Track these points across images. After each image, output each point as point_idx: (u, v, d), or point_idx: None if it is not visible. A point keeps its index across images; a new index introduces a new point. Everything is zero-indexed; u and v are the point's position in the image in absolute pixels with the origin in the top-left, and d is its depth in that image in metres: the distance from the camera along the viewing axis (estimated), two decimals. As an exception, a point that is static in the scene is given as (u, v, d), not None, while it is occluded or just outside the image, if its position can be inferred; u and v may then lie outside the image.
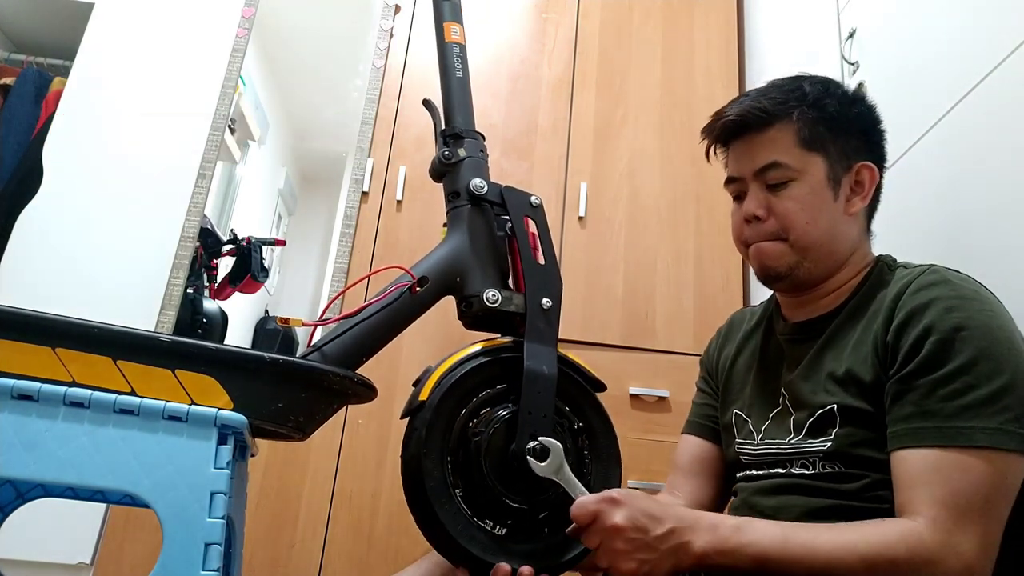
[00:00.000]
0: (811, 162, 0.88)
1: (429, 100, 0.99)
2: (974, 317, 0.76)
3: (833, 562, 0.71)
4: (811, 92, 0.91)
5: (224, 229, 2.11)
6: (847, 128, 0.90)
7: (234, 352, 0.75)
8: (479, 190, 0.90)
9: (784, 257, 0.90)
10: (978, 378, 0.73)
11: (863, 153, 0.91)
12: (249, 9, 2.13)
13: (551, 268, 0.89)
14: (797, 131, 0.89)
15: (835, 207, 0.89)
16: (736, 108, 0.92)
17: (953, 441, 0.72)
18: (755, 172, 0.91)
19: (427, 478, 0.77)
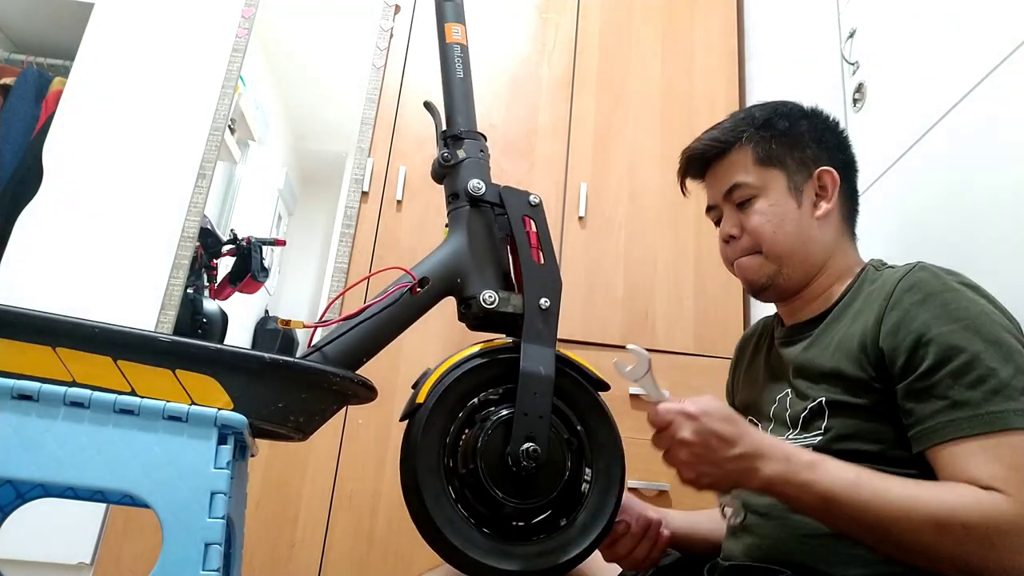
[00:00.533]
0: (771, 177, 0.95)
1: (430, 102, 0.99)
2: (970, 308, 0.78)
3: (902, 517, 0.71)
4: (760, 115, 0.98)
5: (224, 229, 2.11)
6: (800, 140, 0.97)
7: (234, 352, 0.75)
8: (477, 191, 0.90)
9: (762, 268, 0.96)
10: (995, 361, 0.74)
11: (822, 160, 0.97)
12: (249, 9, 2.13)
13: (550, 268, 0.89)
14: (753, 151, 0.96)
15: (801, 213, 0.94)
16: (698, 143, 1.01)
17: (992, 427, 0.72)
18: (723, 195, 0.98)
19: (424, 481, 0.77)
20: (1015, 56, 1.01)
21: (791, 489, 0.75)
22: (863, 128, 1.46)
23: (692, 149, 1.02)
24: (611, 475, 0.85)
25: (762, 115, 0.98)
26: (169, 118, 2.01)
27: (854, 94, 1.50)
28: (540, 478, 0.80)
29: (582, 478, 0.84)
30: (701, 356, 1.88)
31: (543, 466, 0.79)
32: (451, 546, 0.77)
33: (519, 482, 0.79)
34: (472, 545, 0.77)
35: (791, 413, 0.91)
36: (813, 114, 1.01)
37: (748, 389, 1.06)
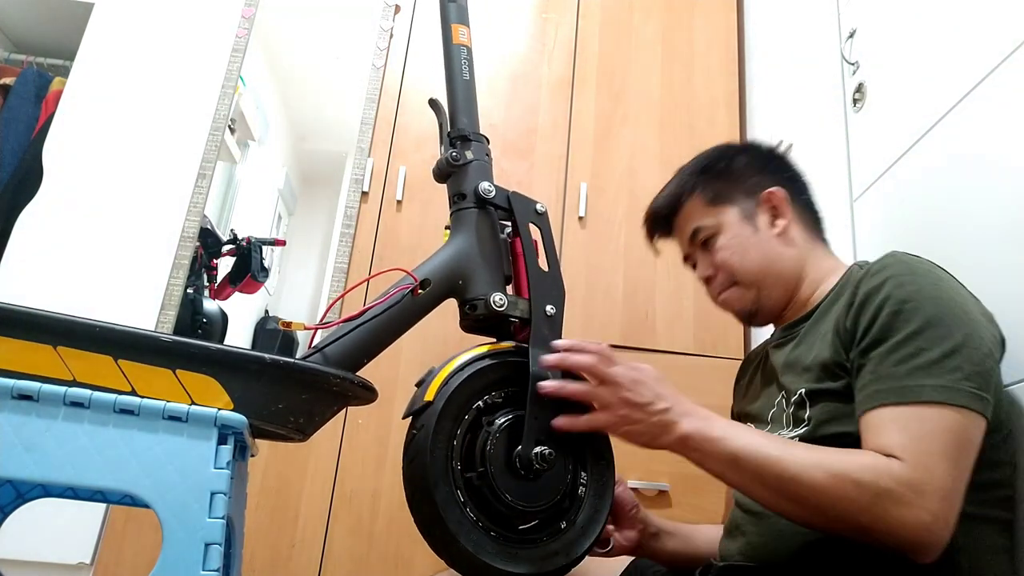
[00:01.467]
0: (723, 213, 1.02)
1: (435, 100, 0.99)
2: (924, 289, 0.80)
3: (801, 472, 0.74)
4: (700, 164, 1.06)
5: (224, 229, 2.11)
6: (740, 173, 1.04)
7: (235, 353, 0.75)
8: (487, 194, 0.89)
9: (744, 297, 1.02)
10: (928, 342, 0.77)
11: (765, 184, 1.03)
12: (249, 9, 2.13)
13: (555, 275, 0.89)
14: (701, 196, 1.04)
15: (760, 236, 1.01)
16: (654, 204, 1.10)
17: (905, 398, 0.75)
18: (689, 242, 1.06)
19: (431, 482, 0.77)
20: (1015, 56, 1.01)
21: (706, 445, 0.79)
22: (863, 128, 1.46)
23: (651, 211, 1.10)
24: (605, 479, 0.86)
25: (701, 163, 1.07)
26: (169, 118, 2.01)
27: (854, 94, 1.50)
28: (544, 482, 0.80)
29: (580, 481, 0.85)
30: (701, 356, 1.88)
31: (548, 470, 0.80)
32: (458, 548, 0.76)
33: (525, 485, 0.79)
34: (480, 547, 0.77)
35: (784, 412, 0.92)
36: (747, 147, 1.09)
37: (748, 400, 1.08)
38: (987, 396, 0.75)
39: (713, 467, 0.80)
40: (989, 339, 0.79)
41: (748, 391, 1.10)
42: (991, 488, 0.79)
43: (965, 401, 0.74)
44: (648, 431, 0.80)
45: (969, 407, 0.74)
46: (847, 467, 0.72)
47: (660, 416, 0.80)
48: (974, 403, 0.74)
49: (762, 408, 0.99)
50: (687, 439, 0.79)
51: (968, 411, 0.74)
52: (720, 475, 0.80)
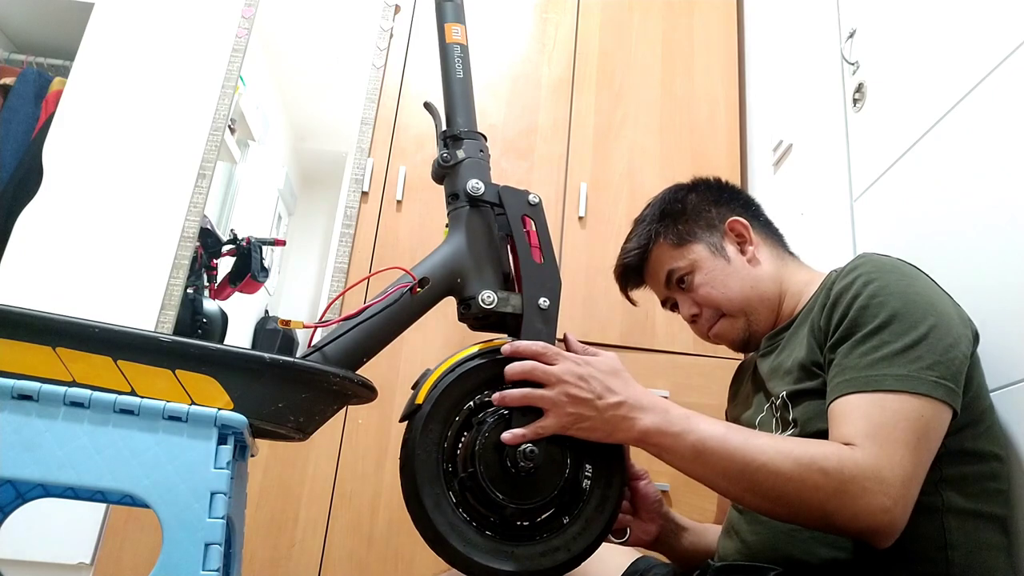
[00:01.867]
0: (692, 251, 1.04)
1: (430, 103, 0.99)
2: (890, 285, 0.82)
3: (767, 462, 0.74)
4: (653, 212, 1.09)
5: (224, 229, 2.11)
6: (696, 210, 1.07)
7: (234, 352, 0.75)
8: (476, 191, 0.90)
9: (734, 327, 1.04)
10: (892, 335, 0.78)
11: (724, 214, 1.06)
12: (249, 9, 2.13)
13: (549, 267, 0.89)
14: (666, 241, 1.06)
15: (733, 266, 1.03)
16: (620, 260, 1.12)
17: (867, 387, 0.76)
18: (666, 287, 1.07)
19: (420, 485, 0.78)
20: (1015, 56, 1.01)
21: (666, 439, 0.78)
22: (863, 128, 1.46)
23: (620, 266, 1.12)
24: (611, 469, 0.85)
25: (656, 210, 1.09)
26: (169, 118, 2.01)
27: (854, 94, 1.50)
28: (540, 477, 0.80)
29: (583, 475, 0.84)
30: (701, 356, 1.88)
31: (543, 465, 0.79)
32: (454, 550, 0.77)
33: (519, 483, 0.79)
34: (474, 548, 0.77)
35: (773, 416, 0.93)
36: (694, 185, 1.11)
37: (740, 407, 1.09)
38: (950, 384, 0.76)
39: (675, 461, 0.79)
40: (956, 330, 0.80)
41: (740, 398, 1.11)
42: (980, 480, 0.80)
43: (926, 389, 0.75)
44: (602, 427, 0.79)
45: (930, 395, 0.75)
46: (813, 456, 0.73)
47: (614, 411, 0.78)
48: (935, 391, 0.75)
49: (752, 415, 1.01)
50: (646, 434, 0.78)
51: (929, 399, 0.75)
52: (683, 468, 0.79)
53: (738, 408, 1.10)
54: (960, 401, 0.77)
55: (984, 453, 0.81)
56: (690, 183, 1.12)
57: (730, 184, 1.13)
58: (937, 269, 0.91)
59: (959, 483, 0.79)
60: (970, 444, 0.80)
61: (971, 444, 0.80)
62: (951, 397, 0.76)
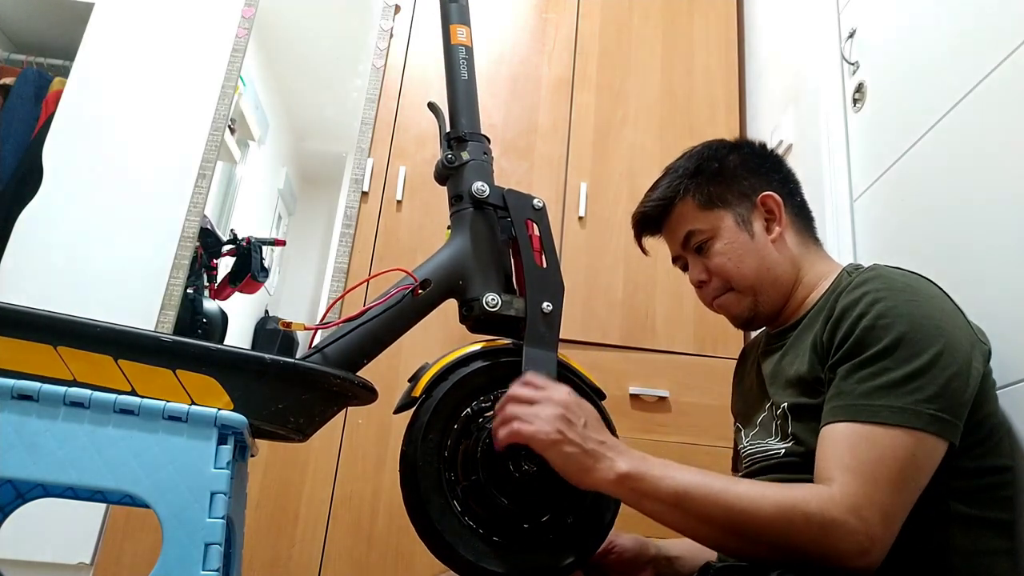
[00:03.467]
0: (718, 217, 0.99)
1: (434, 103, 0.99)
2: (898, 306, 0.79)
3: (750, 508, 0.73)
4: (689, 165, 1.02)
5: (224, 229, 2.11)
6: (733, 175, 1.00)
7: (235, 353, 0.75)
8: (481, 193, 0.89)
9: (740, 303, 1.00)
10: (895, 361, 0.76)
11: (760, 186, 1.00)
12: (249, 9, 2.13)
13: (553, 271, 0.89)
14: (694, 200, 1.00)
15: (756, 243, 0.98)
16: (644, 207, 1.06)
17: (859, 417, 0.75)
18: (681, 245, 1.03)
19: (424, 496, 0.78)
20: (1015, 56, 1.01)
21: (645, 484, 0.75)
22: (863, 128, 1.46)
23: (640, 213, 1.06)
24: None
25: (692, 164, 1.02)
26: (169, 118, 2.01)
27: (854, 94, 1.50)
28: (543, 479, 0.80)
29: None
30: (701, 356, 1.88)
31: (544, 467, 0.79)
32: (463, 560, 0.77)
33: (523, 486, 0.79)
34: (483, 556, 0.78)
35: (773, 421, 0.93)
36: (738, 146, 1.04)
37: (743, 399, 1.08)
38: (948, 418, 0.74)
39: (653, 507, 0.76)
40: (964, 356, 0.78)
41: (744, 388, 1.10)
42: (988, 490, 0.79)
43: (921, 424, 0.73)
44: (582, 460, 0.75)
45: (925, 430, 0.73)
46: (794, 501, 0.72)
47: (596, 447, 0.76)
48: (931, 425, 0.73)
49: (753, 413, 1.00)
50: (626, 477, 0.75)
51: (924, 433, 0.73)
52: (659, 514, 0.76)
53: (741, 402, 1.08)
54: (959, 433, 0.75)
55: (993, 467, 0.80)
56: (734, 142, 1.05)
57: (774, 153, 1.06)
58: (937, 269, 0.91)
59: (966, 493, 0.78)
60: (978, 462, 0.79)
61: (979, 462, 0.79)
62: (949, 431, 0.74)
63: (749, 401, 1.04)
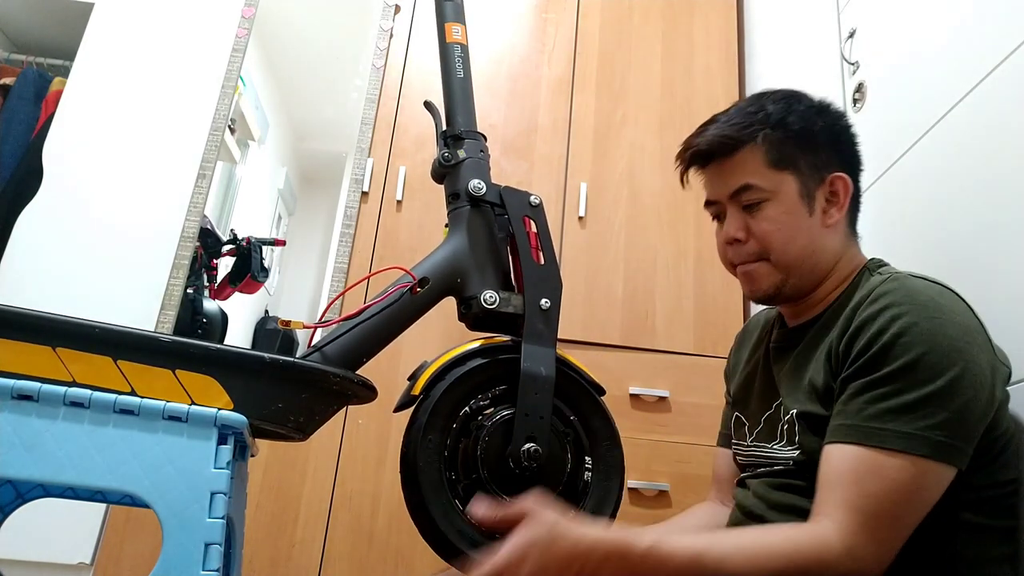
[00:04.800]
0: (782, 180, 0.89)
1: (430, 102, 0.99)
2: (919, 324, 0.75)
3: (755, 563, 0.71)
4: (774, 112, 0.91)
5: (224, 229, 2.11)
6: (815, 142, 0.90)
7: (234, 352, 0.75)
8: (478, 191, 0.90)
9: (770, 277, 0.91)
10: (909, 383, 0.73)
11: (834, 164, 0.91)
12: (249, 9, 2.13)
13: (550, 268, 0.89)
14: (765, 152, 0.89)
15: (812, 222, 0.89)
16: (703, 138, 0.93)
17: (866, 440, 0.73)
18: (729, 195, 0.92)
19: (426, 498, 0.78)
20: (1015, 56, 1.01)
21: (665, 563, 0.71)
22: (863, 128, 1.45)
23: (697, 145, 0.93)
24: (612, 458, 0.86)
25: (776, 112, 0.91)
26: (169, 118, 2.01)
27: (854, 94, 1.50)
28: (544, 474, 0.81)
29: (583, 468, 0.85)
30: (701, 356, 1.88)
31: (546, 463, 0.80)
32: (448, 543, 0.77)
33: (524, 482, 0.80)
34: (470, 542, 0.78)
35: (780, 422, 0.91)
36: (825, 111, 0.94)
37: (744, 386, 1.04)
38: (958, 444, 0.72)
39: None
40: (982, 381, 0.74)
41: (746, 370, 1.05)
42: (998, 500, 0.78)
43: (929, 451, 0.71)
44: None
45: (932, 457, 0.71)
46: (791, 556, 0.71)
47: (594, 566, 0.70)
48: (939, 453, 0.72)
49: (760, 409, 0.97)
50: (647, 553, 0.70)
51: (931, 461, 0.72)
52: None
53: (744, 389, 1.03)
54: (968, 458, 0.73)
55: (1005, 480, 0.79)
56: (823, 105, 0.94)
57: (852, 130, 0.96)
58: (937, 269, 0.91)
59: (975, 504, 0.77)
60: (991, 477, 0.78)
61: (991, 477, 0.78)
62: (956, 457, 0.73)
63: (755, 392, 1.00)
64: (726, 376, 1.14)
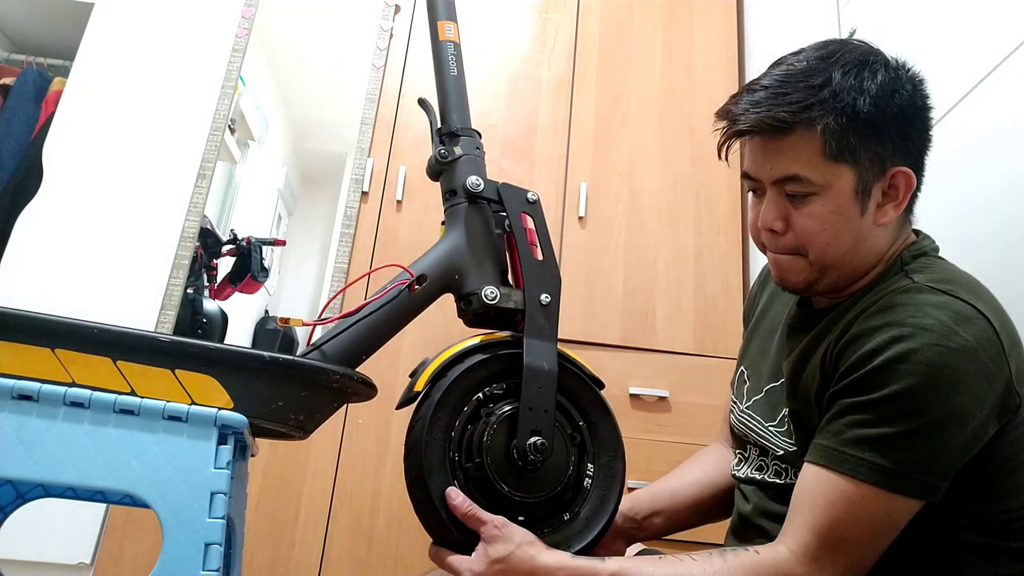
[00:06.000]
0: (837, 174, 0.76)
1: (424, 99, 0.99)
2: (920, 351, 0.68)
3: None
4: (844, 89, 0.75)
5: (224, 229, 2.11)
6: (884, 129, 0.76)
7: (234, 352, 0.75)
8: (476, 188, 0.90)
9: (802, 273, 0.82)
10: (894, 414, 0.69)
11: (899, 156, 0.78)
12: (249, 9, 2.13)
13: (549, 264, 0.89)
14: (822, 140, 0.76)
15: (862, 222, 0.78)
16: (750, 114, 0.78)
17: (840, 466, 0.70)
18: (772, 181, 0.80)
19: (427, 471, 0.78)
20: (1015, 56, 1.01)
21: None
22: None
23: (741, 123, 0.79)
24: (613, 470, 0.86)
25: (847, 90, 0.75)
26: (169, 118, 2.01)
27: (854, 94, 1.50)
28: (545, 472, 0.81)
29: (585, 473, 0.85)
30: (701, 356, 1.88)
31: (548, 460, 0.80)
32: (458, 540, 0.78)
33: (524, 476, 0.80)
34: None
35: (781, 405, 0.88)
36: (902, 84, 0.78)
37: (759, 348, 0.98)
38: (936, 482, 0.69)
39: None
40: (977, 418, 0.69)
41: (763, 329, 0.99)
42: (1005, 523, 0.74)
43: (899, 486, 0.68)
44: None
45: (905, 493, 0.69)
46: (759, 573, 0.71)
47: None
48: (913, 489, 0.69)
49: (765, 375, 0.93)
50: None
51: (903, 497, 0.69)
52: None
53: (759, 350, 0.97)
54: (942, 492, 0.70)
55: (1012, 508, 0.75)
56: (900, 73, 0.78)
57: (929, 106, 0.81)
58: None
59: (978, 527, 0.74)
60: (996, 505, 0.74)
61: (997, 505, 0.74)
62: (932, 494, 0.70)
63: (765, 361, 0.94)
64: (744, 317, 1.08)
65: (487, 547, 0.76)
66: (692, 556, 0.76)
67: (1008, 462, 0.73)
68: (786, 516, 0.75)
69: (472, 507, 0.78)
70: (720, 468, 1.03)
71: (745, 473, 0.93)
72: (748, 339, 1.02)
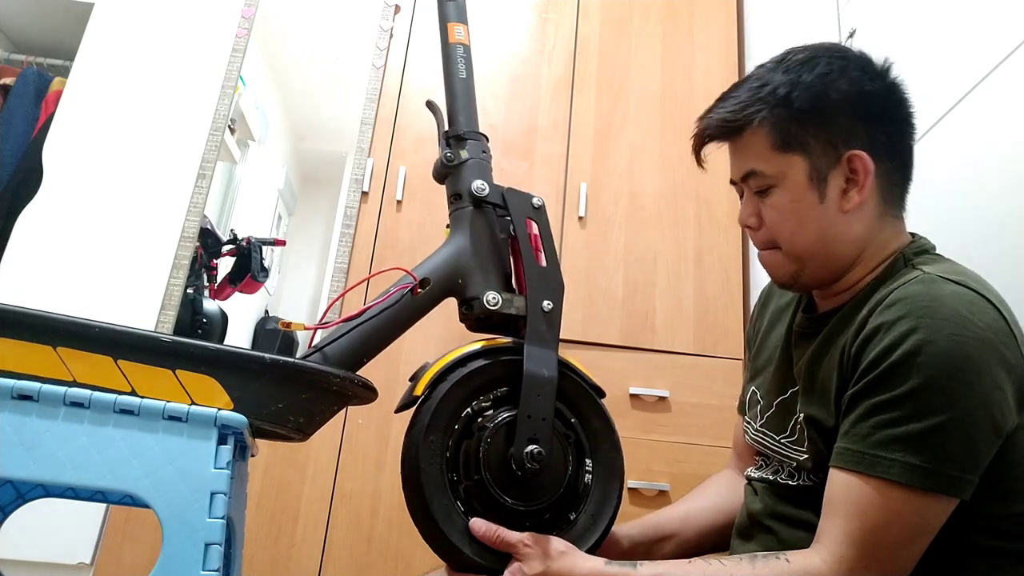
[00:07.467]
0: (789, 164, 0.81)
1: (432, 102, 0.99)
2: (938, 342, 0.68)
3: None
4: (780, 85, 0.81)
5: (224, 229, 2.11)
6: (829, 115, 0.80)
7: (235, 352, 0.75)
8: (481, 192, 0.89)
9: (783, 267, 0.86)
10: (918, 410, 0.68)
11: (855, 137, 0.80)
12: (249, 9, 2.13)
13: (552, 270, 0.89)
14: (768, 135, 0.81)
15: (824, 209, 0.81)
16: (708, 119, 0.87)
17: (872, 470, 0.69)
18: (741, 179, 0.87)
19: (427, 498, 0.77)
20: (1015, 56, 1.01)
21: None
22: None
23: (703, 128, 0.87)
24: (611, 462, 0.86)
25: (783, 85, 0.81)
26: (169, 118, 2.01)
27: (854, 94, 1.50)
28: (545, 477, 0.80)
29: (584, 470, 0.85)
30: (701, 356, 1.88)
31: (547, 466, 0.80)
32: (469, 560, 0.77)
33: (525, 484, 0.80)
34: (487, 555, 0.78)
35: (792, 415, 0.88)
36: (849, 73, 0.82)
37: (766, 358, 0.98)
38: (968, 477, 0.68)
39: None
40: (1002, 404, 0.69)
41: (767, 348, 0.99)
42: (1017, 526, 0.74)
43: (933, 484, 0.67)
44: None
45: (937, 490, 0.68)
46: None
47: None
48: (944, 486, 0.68)
49: (773, 387, 0.93)
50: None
51: (937, 496, 0.68)
52: None
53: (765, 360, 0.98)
54: (973, 487, 0.69)
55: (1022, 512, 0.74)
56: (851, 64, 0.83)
57: (900, 90, 0.86)
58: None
59: (994, 529, 0.73)
60: (1014, 507, 0.73)
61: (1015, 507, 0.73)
62: (964, 490, 0.68)
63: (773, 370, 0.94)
64: (747, 340, 1.08)
65: (522, 566, 0.76)
66: (722, 560, 0.75)
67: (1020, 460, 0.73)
68: (819, 523, 0.74)
69: (498, 531, 0.77)
70: (733, 495, 1.02)
71: (760, 475, 0.93)
72: (754, 359, 1.02)
